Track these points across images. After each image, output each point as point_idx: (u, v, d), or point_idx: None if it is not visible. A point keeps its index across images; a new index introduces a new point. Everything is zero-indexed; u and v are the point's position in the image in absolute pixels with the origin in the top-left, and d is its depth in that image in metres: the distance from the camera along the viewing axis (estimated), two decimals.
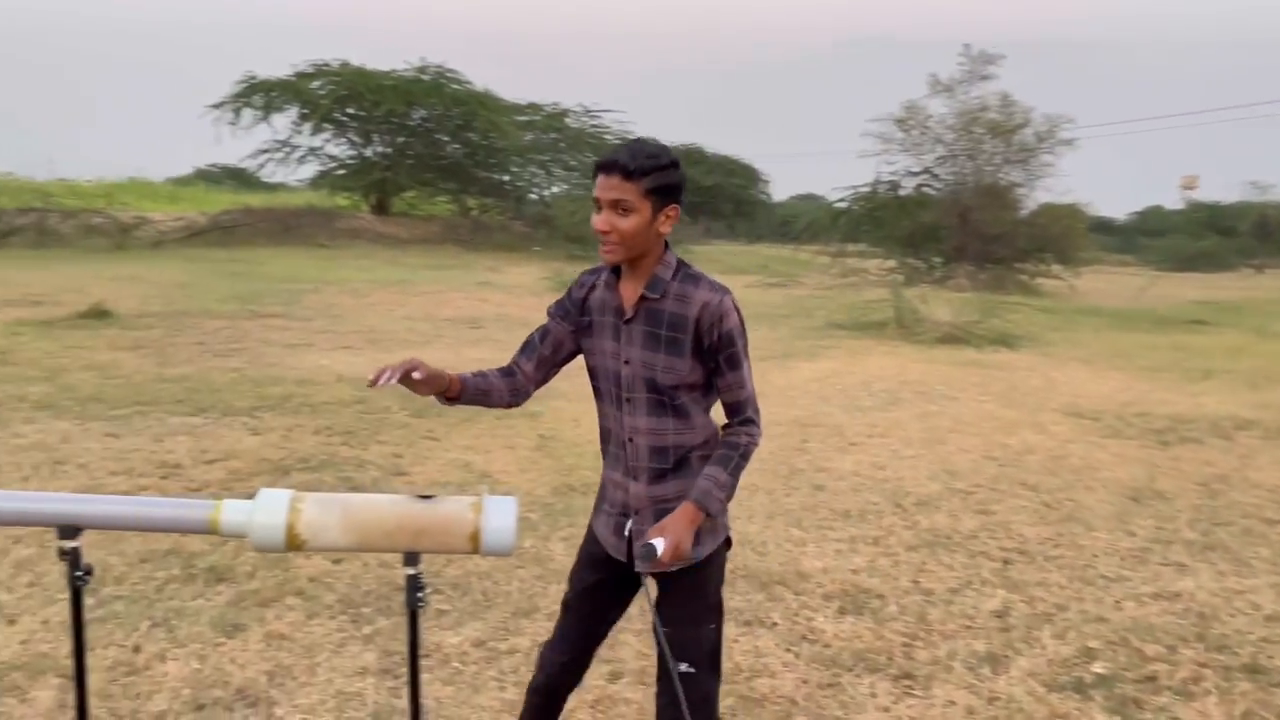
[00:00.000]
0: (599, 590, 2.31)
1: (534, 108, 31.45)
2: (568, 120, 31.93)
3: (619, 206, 1.99)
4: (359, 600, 3.77)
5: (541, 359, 2.24)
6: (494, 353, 10.12)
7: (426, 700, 2.65)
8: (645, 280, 2.09)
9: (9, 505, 1.80)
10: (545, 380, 2.31)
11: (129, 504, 1.85)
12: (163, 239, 22.93)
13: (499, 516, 1.91)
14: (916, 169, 27.32)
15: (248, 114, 27.11)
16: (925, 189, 27.40)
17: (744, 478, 2.17)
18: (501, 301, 15.15)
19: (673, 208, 2.05)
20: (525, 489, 5.31)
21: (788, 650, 3.51)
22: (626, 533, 2.18)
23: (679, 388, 2.09)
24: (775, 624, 3.73)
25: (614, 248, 2.03)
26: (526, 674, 3.23)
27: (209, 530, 1.87)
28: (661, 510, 2.12)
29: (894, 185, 27.33)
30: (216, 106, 27.03)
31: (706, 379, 2.13)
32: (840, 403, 8.15)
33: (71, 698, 3.01)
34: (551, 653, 2.35)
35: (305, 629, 3.53)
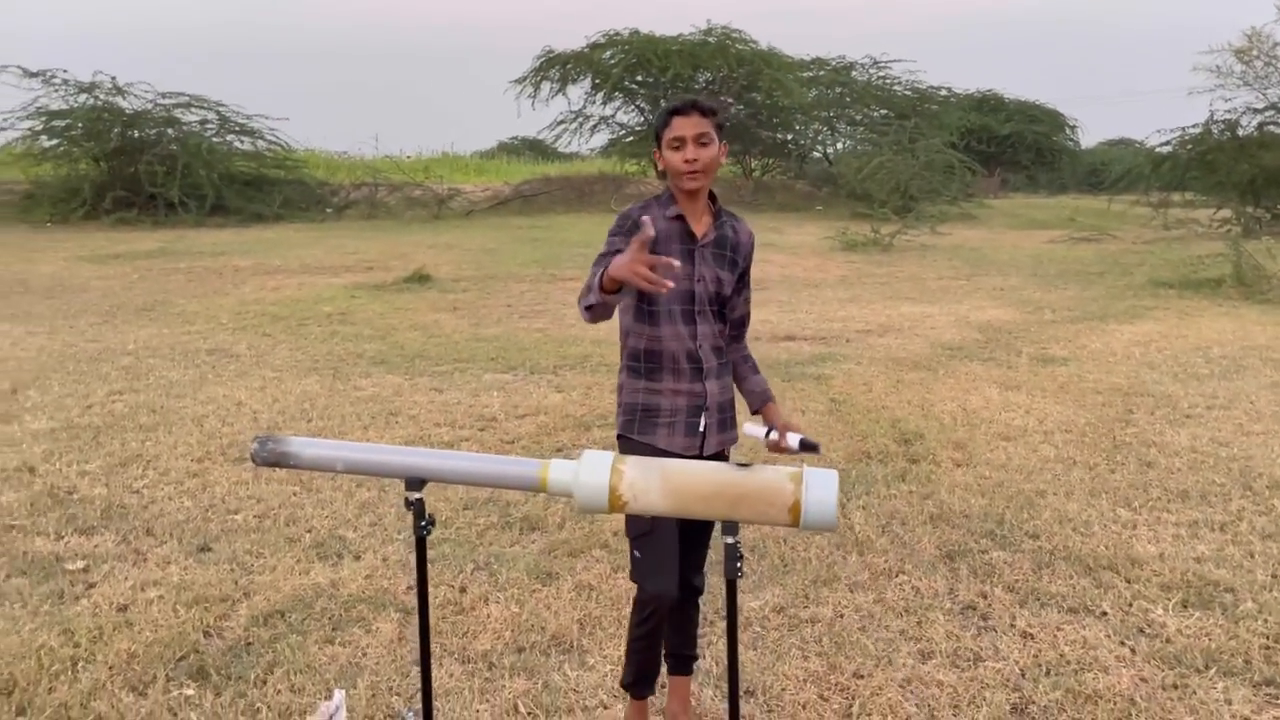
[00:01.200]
0: None
1: (819, 63, 30.75)
2: (854, 74, 30.93)
3: (701, 139, 2.33)
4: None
5: None
6: (778, 314, 10.04)
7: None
8: (707, 210, 2.46)
9: (367, 457, 1.95)
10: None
11: (469, 460, 1.95)
12: (473, 208, 24.77)
13: (821, 489, 1.82)
14: (1260, 105, 23.90)
15: (546, 87, 28.60)
16: (1270, 128, 23.89)
17: (1060, 450, 1.94)
18: (785, 263, 14.99)
19: (724, 144, 2.44)
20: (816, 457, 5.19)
21: (1122, 644, 3.17)
22: (701, 429, 2.43)
23: (727, 299, 2.50)
24: (1105, 613, 3.39)
25: (699, 175, 2.35)
26: (829, 644, 3.16)
27: (538, 488, 1.93)
28: (723, 402, 2.49)
29: (1231, 125, 24.03)
30: (518, 82, 28.75)
31: None
32: (1170, 370, 7.31)
33: (409, 631, 3.30)
34: (654, 587, 2.43)
35: (611, 581, 3.64)
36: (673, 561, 2.43)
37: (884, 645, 3.17)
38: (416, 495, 1.97)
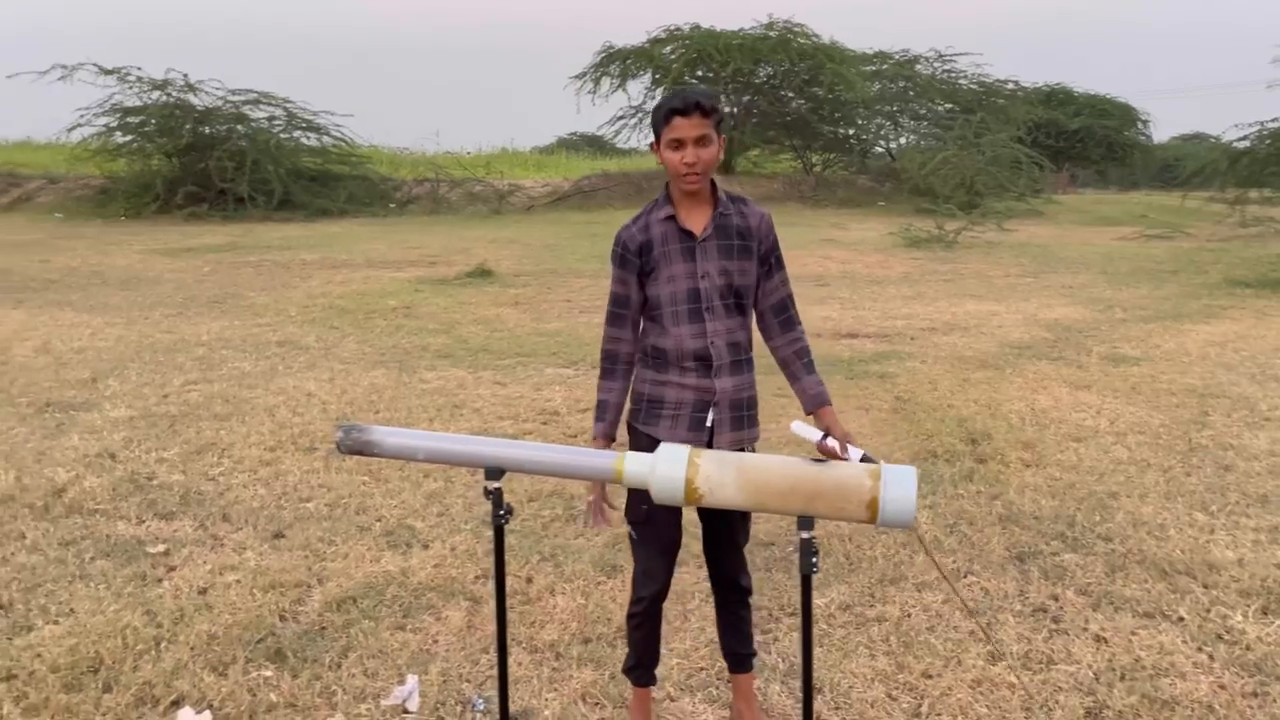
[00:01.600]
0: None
1: (882, 56, 30.31)
2: (918, 68, 30.46)
3: (702, 141, 2.31)
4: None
5: (633, 321, 2.51)
6: (841, 311, 9.95)
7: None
8: (708, 204, 2.43)
9: (448, 447, 1.98)
10: None
11: (547, 451, 1.97)
12: (532, 204, 24.95)
13: (899, 486, 1.82)
14: None
15: (605, 83, 28.65)
16: None
17: (1133, 451, 1.90)
18: (846, 259, 14.84)
19: (722, 138, 2.40)
20: (882, 453, 5.15)
21: (1200, 650, 3.10)
22: (709, 424, 2.40)
23: (747, 288, 2.44)
24: (1181, 619, 3.32)
25: (698, 177, 2.33)
26: (897, 644, 3.14)
27: (613, 479, 1.94)
28: (738, 400, 2.43)
29: None
30: (578, 77, 28.83)
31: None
32: (1247, 371, 7.10)
33: (477, 619, 3.35)
34: (645, 589, 2.55)
35: (676, 576, 3.65)
36: (666, 550, 2.51)
37: (953, 646, 3.14)
38: (495, 485, 2.00)
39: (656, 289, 2.42)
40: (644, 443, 2.43)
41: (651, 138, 2.39)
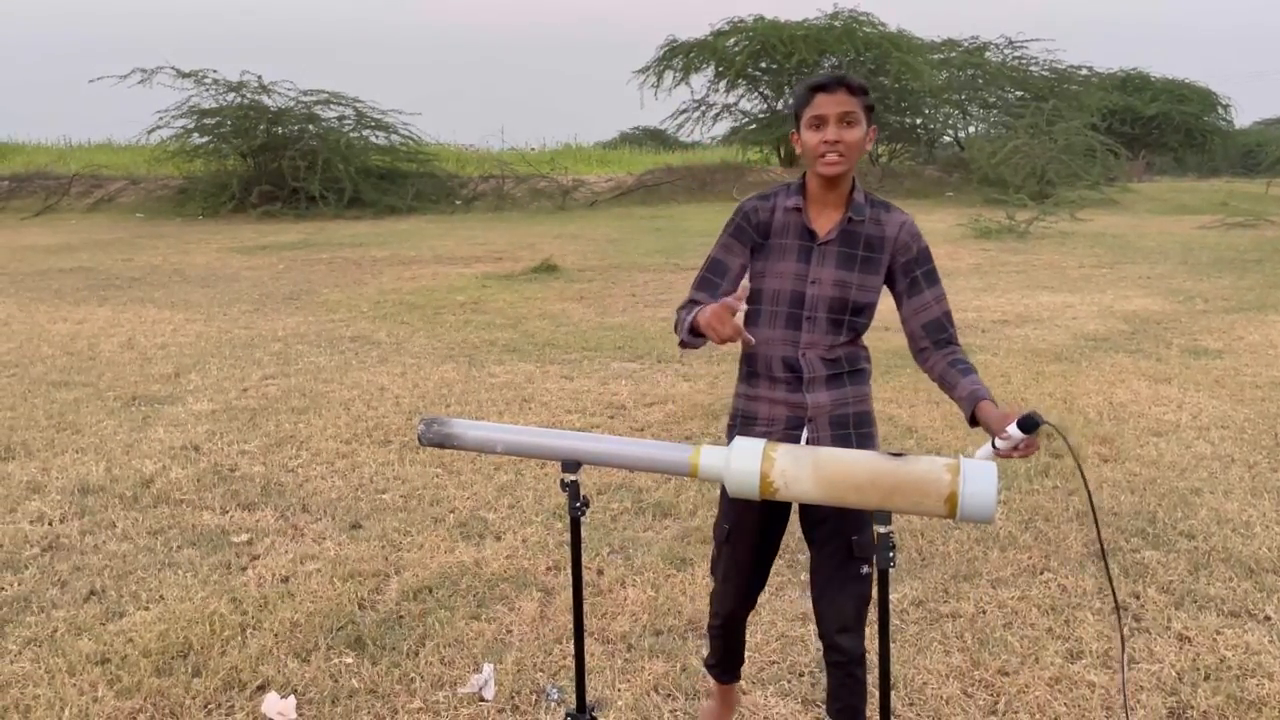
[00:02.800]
0: (762, 518, 2.31)
1: (950, 44, 29.82)
2: (988, 55, 29.87)
3: (846, 119, 2.09)
4: (795, 547, 3.84)
5: (722, 294, 2.23)
6: None
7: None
8: (841, 203, 2.20)
9: (526, 439, 2.02)
10: None
11: (623, 444, 1.99)
12: (596, 199, 25.06)
13: (979, 481, 1.80)
14: None
15: (668, 77, 28.65)
16: None
17: (1216, 446, 1.85)
18: None
19: (873, 128, 2.18)
20: (954, 447, 5.08)
21: None
22: (804, 442, 2.21)
23: (865, 306, 2.22)
24: (1268, 618, 3.22)
25: (840, 159, 2.11)
26: (972, 640, 3.10)
27: (689, 473, 1.96)
28: (840, 416, 2.23)
29: None
30: (641, 71, 28.89)
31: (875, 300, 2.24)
32: None
33: (550, 610, 3.40)
34: (720, 608, 2.44)
35: None
36: (738, 579, 2.38)
37: (1030, 643, 3.09)
38: (572, 477, 2.03)
39: (762, 280, 2.23)
40: None
41: (792, 129, 2.19)
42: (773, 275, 2.22)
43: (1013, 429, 1.91)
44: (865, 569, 2.21)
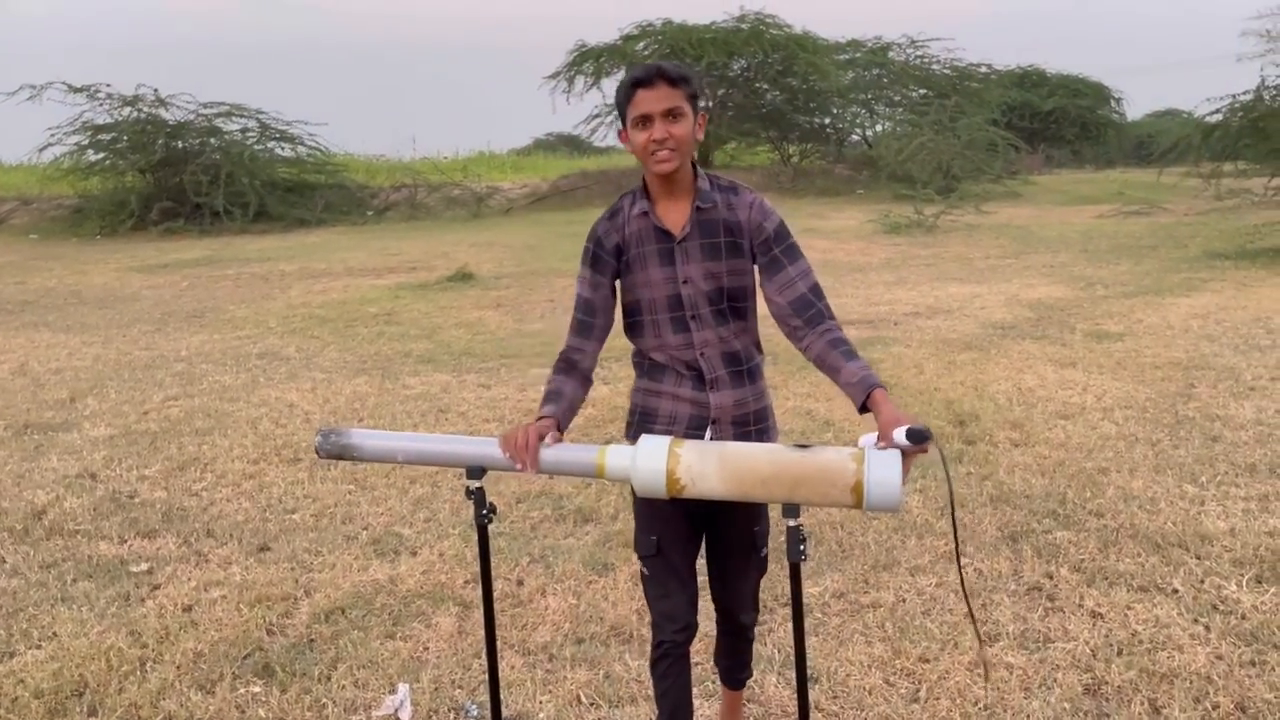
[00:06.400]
0: (691, 516, 2.20)
1: (854, 44, 30.40)
2: (891, 55, 30.54)
3: (672, 114, 2.02)
4: None
5: (601, 331, 2.22)
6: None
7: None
8: (687, 196, 2.12)
9: (428, 447, 1.94)
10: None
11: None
12: (511, 206, 24.87)
13: (884, 468, 1.78)
14: None
15: (580, 81, 28.61)
16: None
17: (1121, 426, 1.88)
18: (827, 248, 14.83)
19: (702, 114, 2.11)
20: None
21: (1195, 621, 3.09)
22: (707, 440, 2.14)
23: (744, 289, 2.14)
24: (1176, 591, 3.31)
25: (671, 155, 2.03)
26: (893, 629, 3.11)
27: (595, 474, 1.91)
28: (742, 415, 2.16)
29: None
30: (552, 77, 28.79)
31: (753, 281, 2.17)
32: (1230, 342, 7.12)
33: (468, 624, 3.31)
34: (665, 632, 2.21)
35: None
36: (681, 586, 2.20)
37: (949, 629, 3.12)
38: (477, 484, 1.96)
39: (634, 294, 2.16)
40: None
41: (620, 128, 2.14)
42: (643, 286, 2.15)
43: (900, 436, 1.82)
44: (764, 552, 2.29)
